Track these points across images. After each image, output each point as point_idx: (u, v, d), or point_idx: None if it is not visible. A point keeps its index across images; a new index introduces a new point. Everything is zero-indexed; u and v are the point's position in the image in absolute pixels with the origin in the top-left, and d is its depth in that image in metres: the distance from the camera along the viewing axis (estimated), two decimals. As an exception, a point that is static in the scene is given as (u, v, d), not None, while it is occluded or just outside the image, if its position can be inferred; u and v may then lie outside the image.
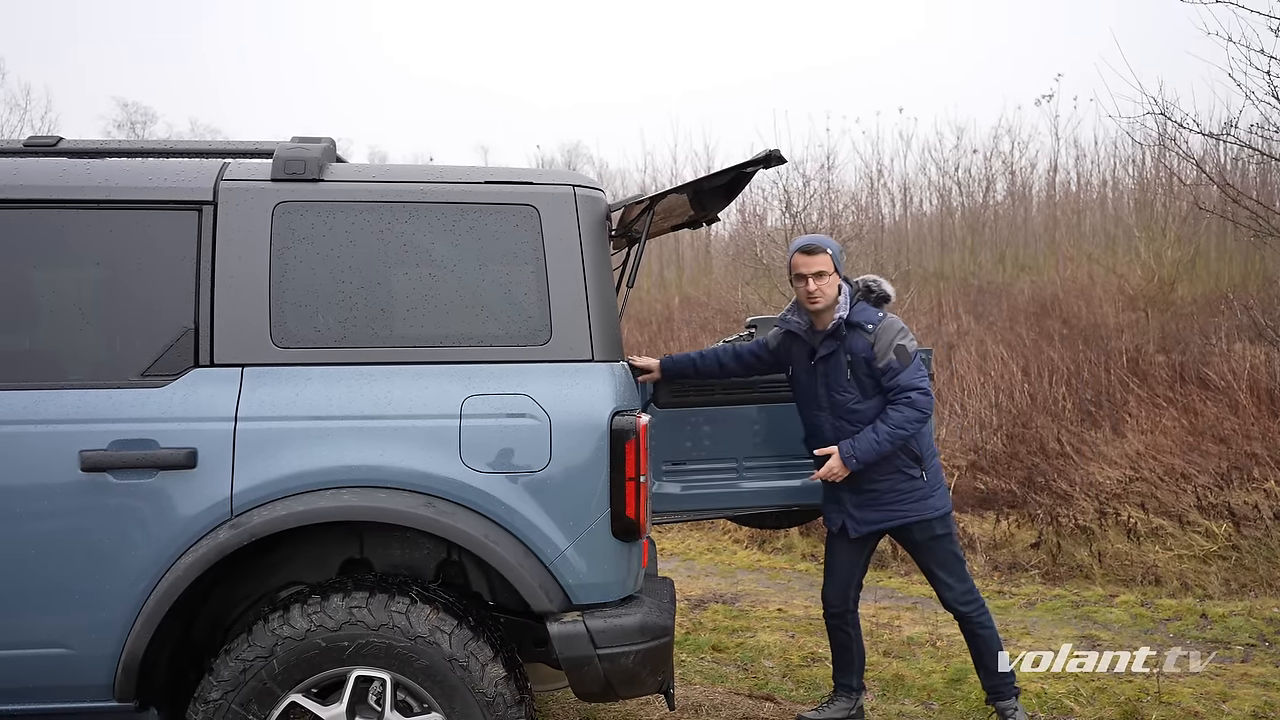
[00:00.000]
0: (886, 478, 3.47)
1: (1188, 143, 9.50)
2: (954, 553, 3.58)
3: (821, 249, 3.42)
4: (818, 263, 3.41)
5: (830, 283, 3.42)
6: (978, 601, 3.59)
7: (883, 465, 3.43)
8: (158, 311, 2.58)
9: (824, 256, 3.41)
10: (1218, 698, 3.96)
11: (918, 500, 3.48)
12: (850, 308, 3.45)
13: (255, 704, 2.45)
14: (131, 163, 2.73)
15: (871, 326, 3.41)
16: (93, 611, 2.44)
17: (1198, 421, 7.23)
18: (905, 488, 3.48)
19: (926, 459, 3.49)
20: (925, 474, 3.48)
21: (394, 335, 2.64)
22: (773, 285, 11.86)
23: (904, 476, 3.47)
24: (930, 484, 3.49)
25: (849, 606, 3.71)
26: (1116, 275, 12.48)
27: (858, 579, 3.72)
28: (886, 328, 3.41)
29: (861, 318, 3.43)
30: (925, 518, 3.49)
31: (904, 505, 3.48)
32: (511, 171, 2.79)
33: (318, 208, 2.64)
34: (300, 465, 2.48)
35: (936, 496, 3.50)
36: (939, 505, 3.50)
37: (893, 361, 3.37)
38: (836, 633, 3.76)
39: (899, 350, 3.37)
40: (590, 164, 26.55)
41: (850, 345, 3.43)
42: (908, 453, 3.45)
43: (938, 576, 3.59)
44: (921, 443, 3.48)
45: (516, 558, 2.53)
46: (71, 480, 2.43)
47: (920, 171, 19.08)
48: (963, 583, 3.58)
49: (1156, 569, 5.65)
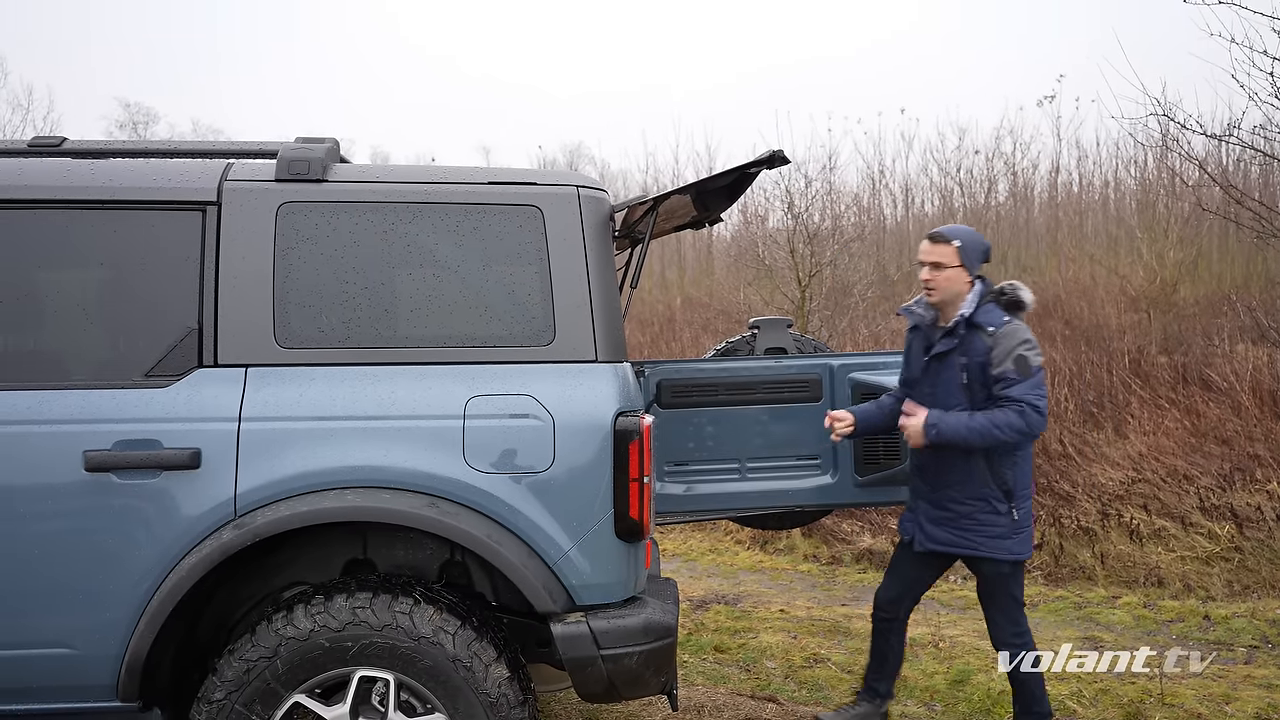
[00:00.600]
0: (970, 503, 3.21)
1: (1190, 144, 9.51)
2: (1014, 596, 3.30)
3: (946, 239, 3.22)
4: (937, 252, 3.22)
5: (949, 276, 3.21)
6: (1028, 646, 3.33)
7: (970, 488, 3.20)
8: (162, 312, 2.58)
9: (945, 247, 3.21)
10: (1220, 699, 3.96)
11: (995, 538, 3.19)
12: (976, 307, 3.20)
13: (259, 704, 2.45)
14: (135, 163, 2.73)
15: (992, 330, 3.14)
16: (97, 611, 2.44)
17: (1200, 423, 7.23)
18: (986, 520, 3.20)
19: (1019, 497, 3.19)
20: (1015, 513, 3.18)
21: (398, 336, 2.64)
22: (774, 286, 11.87)
23: (988, 508, 3.19)
24: (1015, 525, 3.19)
25: (899, 615, 3.53)
26: (1119, 276, 12.49)
27: (916, 593, 3.51)
28: (1008, 333, 3.11)
29: (984, 319, 3.17)
30: (996, 558, 3.21)
31: (979, 538, 3.21)
32: (515, 172, 2.79)
33: (321, 208, 2.64)
34: (304, 465, 2.48)
35: (1016, 541, 3.20)
36: (1017, 550, 3.20)
37: (1009, 371, 3.08)
38: (880, 636, 3.58)
39: (1019, 360, 3.08)
40: (592, 164, 26.59)
41: (968, 347, 3.19)
42: (1000, 483, 3.17)
43: (991, 615, 3.35)
44: (1018, 476, 3.19)
45: (520, 558, 2.53)
46: (76, 480, 2.43)
47: (922, 172, 19.11)
48: (1015, 625, 3.32)
49: (1159, 570, 5.65)
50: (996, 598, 3.31)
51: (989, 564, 3.25)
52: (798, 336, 4.22)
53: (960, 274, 3.22)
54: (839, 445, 3.82)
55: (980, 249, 3.25)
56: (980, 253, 3.26)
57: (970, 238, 3.25)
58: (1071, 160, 22.23)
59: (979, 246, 3.25)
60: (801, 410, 3.87)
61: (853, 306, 11.69)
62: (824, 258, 11.49)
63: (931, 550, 3.34)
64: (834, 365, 3.85)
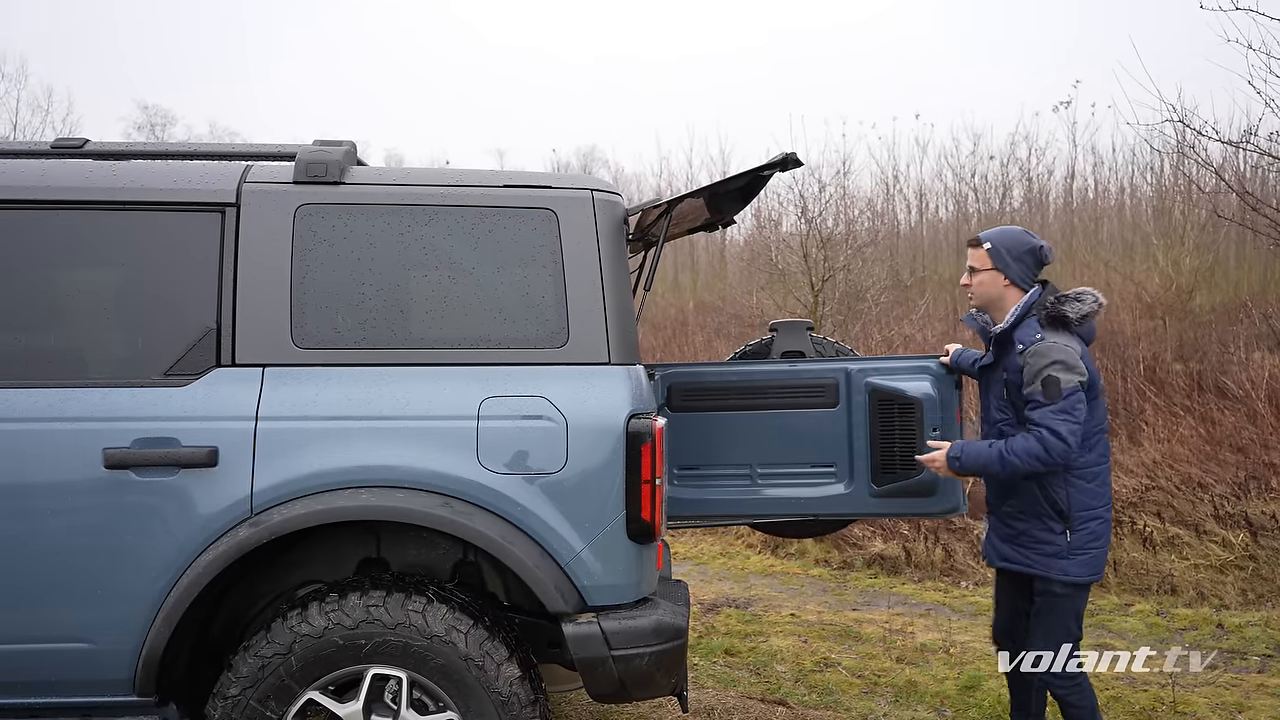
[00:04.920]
0: (1026, 520, 3.08)
1: (1207, 150, 9.44)
2: (1064, 625, 3.07)
3: (979, 242, 3.14)
4: (972, 256, 3.16)
5: (982, 280, 3.12)
6: (1071, 679, 3.07)
7: (1025, 504, 3.08)
8: (181, 311, 2.61)
9: (978, 250, 3.13)
10: (1233, 708, 3.94)
11: (1049, 556, 3.03)
12: (1016, 320, 3.05)
13: (273, 700, 2.48)
14: (156, 165, 2.77)
15: (1022, 347, 2.99)
16: (115, 607, 2.47)
17: (1215, 431, 7.19)
18: (1042, 538, 3.05)
19: (1075, 518, 3.00)
20: (1070, 533, 3.00)
21: (413, 337, 2.66)
22: (787, 290, 11.87)
23: (1042, 526, 3.04)
24: (1071, 547, 3.00)
25: (1011, 645, 3.31)
26: (1134, 283, 12.42)
27: (1026, 613, 3.22)
28: (1040, 352, 2.93)
29: (1020, 334, 3.02)
30: (1049, 576, 3.04)
31: (1033, 555, 3.07)
32: (530, 175, 2.81)
33: (339, 210, 2.67)
34: (319, 465, 2.51)
35: (1074, 562, 3.00)
36: (1073, 572, 3.00)
37: (1036, 393, 2.91)
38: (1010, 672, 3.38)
39: (1047, 382, 2.89)
40: (606, 168, 26.64)
41: (1006, 361, 3.08)
42: (1050, 503, 3.02)
43: (1035, 636, 3.13)
44: (1071, 498, 3.00)
45: (532, 559, 2.55)
46: (95, 477, 2.46)
47: (936, 177, 19.08)
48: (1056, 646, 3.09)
49: (1172, 578, 5.62)
50: (1044, 619, 3.10)
51: (1040, 581, 3.08)
52: (818, 340, 4.11)
53: (994, 277, 3.11)
54: (855, 453, 3.72)
55: (1020, 249, 3.10)
56: (1021, 254, 3.10)
57: (1005, 239, 3.12)
58: (1087, 166, 22.12)
59: (1018, 248, 3.10)
60: (817, 416, 3.79)
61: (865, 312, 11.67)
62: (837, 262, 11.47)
63: (1002, 567, 3.22)
64: (851, 370, 3.73)
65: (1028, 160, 17.28)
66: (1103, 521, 3.05)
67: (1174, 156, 13.29)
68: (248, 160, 2.81)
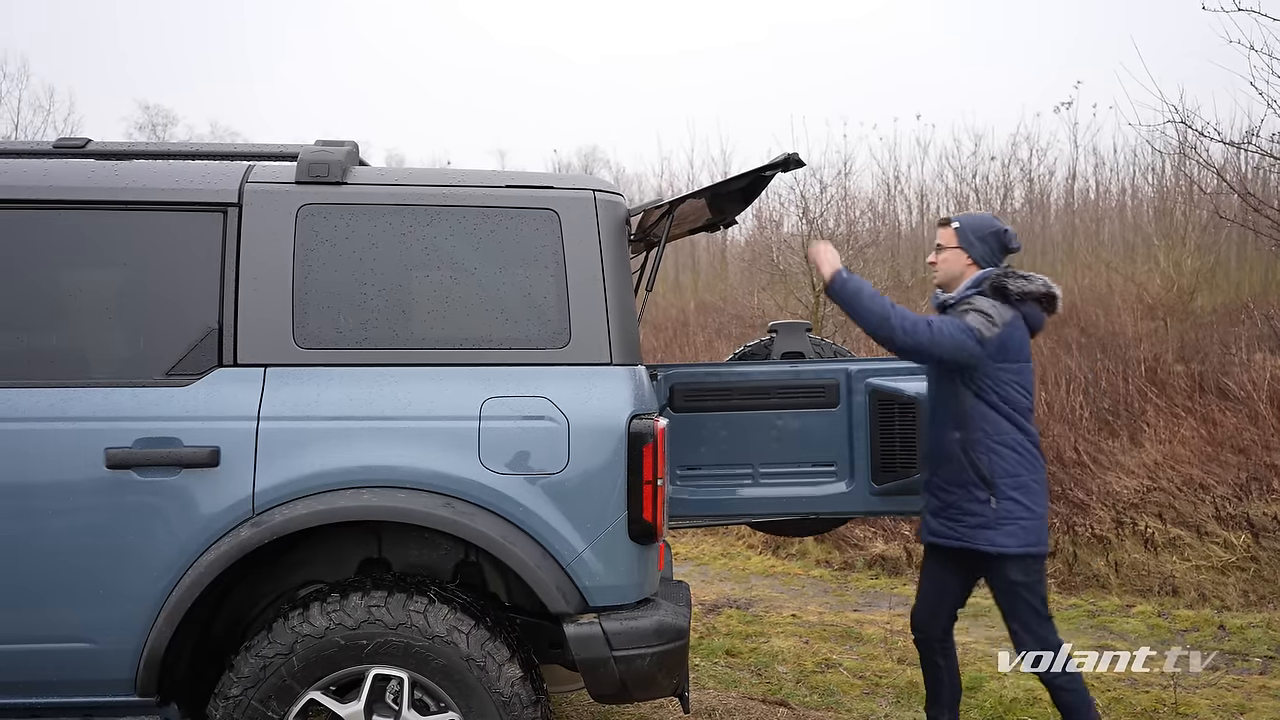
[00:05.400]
0: (954, 490, 3.12)
1: (1209, 151, 9.43)
2: (1025, 605, 3.08)
3: (949, 222, 3.24)
4: (940, 235, 3.25)
5: (946, 258, 3.21)
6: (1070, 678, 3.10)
7: (953, 474, 3.11)
8: (182, 311, 2.61)
9: (946, 230, 3.23)
10: (1235, 709, 3.94)
11: (975, 528, 3.06)
12: (962, 293, 3.16)
13: (275, 700, 2.48)
14: (158, 165, 2.77)
15: (956, 300, 3.14)
16: (116, 607, 2.47)
17: (1216, 432, 7.18)
18: (970, 509, 3.08)
19: (999, 487, 3.03)
20: (995, 501, 3.03)
21: (415, 337, 2.66)
22: (789, 291, 11.87)
23: (969, 495, 3.08)
24: (998, 516, 3.02)
25: (935, 634, 3.33)
26: (1135, 284, 12.42)
27: (949, 603, 3.31)
28: (969, 302, 3.07)
29: (959, 297, 3.16)
30: (980, 549, 3.06)
31: (964, 528, 3.09)
32: (532, 176, 2.81)
33: (341, 210, 2.67)
34: (321, 465, 2.51)
35: (1000, 532, 3.02)
36: (1000, 543, 3.02)
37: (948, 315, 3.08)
38: (924, 659, 3.41)
39: (960, 314, 3.04)
40: (607, 168, 26.64)
41: None
42: (975, 471, 3.06)
43: (1009, 625, 3.15)
44: (994, 464, 3.04)
45: (534, 559, 2.55)
46: (96, 477, 2.46)
47: (938, 178, 19.03)
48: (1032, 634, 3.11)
49: (1174, 579, 5.62)
50: (1002, 603, 3.12)
51: (972, 556, 3.11)
52: (817, 341, 4.16)
53: (958, 255, 3.19)
54: (855, 452, 3.77)
55: (985, 231, 3.18)
56: (986, 235, 3.18)
57: (973, 221, 3.21)
58: (1088, 167, 22.08)
59: (983, 229, 3.18)
60: (818, 416, 3.82)
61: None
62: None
63: (932, 543, 3.24)
64: (851, 370, 3.79)
65: (1029, 161, 17.27)
66: (1030, 492, 3.06)
67: (1176, 157, 13.29)
68: (250, 160, 2.81)
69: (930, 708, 3.46)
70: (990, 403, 3.06)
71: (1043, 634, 3.11)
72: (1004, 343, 3.02)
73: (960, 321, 2.99)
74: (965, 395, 3.07)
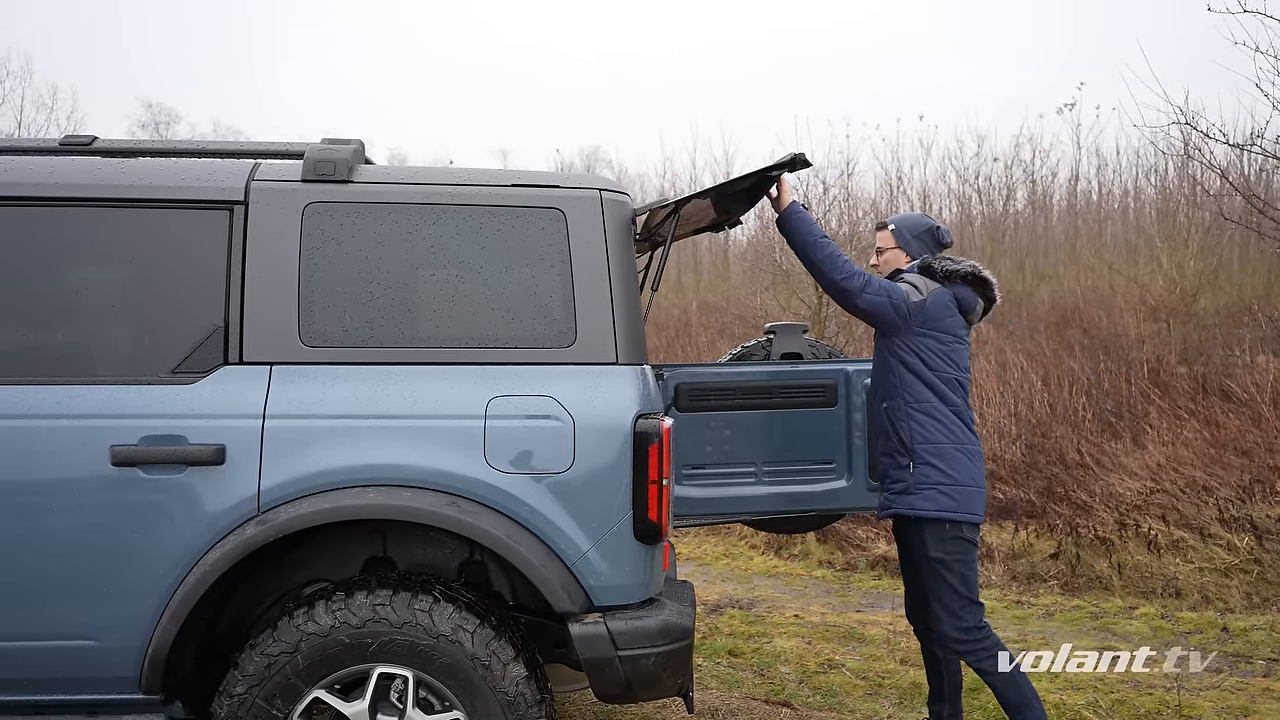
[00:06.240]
0: (884, 459, 3.27)
1: (1212, 153, 9.41)
2: (944, 578, 3.12)
3: (885, 225, 3.44)
4: (879, 238, 3.46)
5: (889, 259, 3.42)
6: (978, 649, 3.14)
7: (887, 444, 3.26)
8: (188, 309, 2.61)
9: (884, 232, 3.44)
10: (1239, 712, 3.93)
11: (898, 494, 3.19)
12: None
13: (279, 699, 2.47)
14: (164, 162, 2.77)
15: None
16: (121, 605, 2.47)
17: (1219, 434, 7.18)
18: (895, 475, 3.22)
19: (918, 452, 3.14)
20: (913, 466, 3.15)
21: (420, 336, 2.66)
22: (791, 291, 11.85)
23: (895, 463, 3.22)
24: (917, 481, 3.13)
25: (929, 624, 3.33)
26: (1138, 285, 12.41)
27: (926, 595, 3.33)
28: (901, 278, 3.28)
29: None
30: (900, 513, 3.18)
31: (890, 494, 3.24)
32: (538, 175, 2.81)
33: (347, 209, 2.67)
34: (326, 463, 2.51)
35: (919, 497, 3.12)
36: (920, 506, 3.11)
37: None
38: (924, 650, 3.49)
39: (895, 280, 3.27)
40: (609, 168, 26.65)
41: None
42: (898, 438, 3.19)
43: (928, 603, 3.21)
44: (913, 430, 3.17)
45: (539, 558, 2.55)
46: (102, 475, 2.46)
47: (940, 179, 19.02)
48: (957, 621, 3.12)
49: (1177, 581, 5.61)
50: (924, 574, 3.17)
51: (897, 523, 3.27)
52: (812, 342, 4.24)
53: (897, 254, 3.40)
54: (853, 450, 3.85)
55: (919, 229, 3.38)
56: (920, 233, 3.38)
57: (906, 221, 3.41)
58: (1091, 168, 22.12)
59: (917, 228, 3.38)
60: (817, 415, 3.88)
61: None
62: (841, 264, 11.42)
63: (882, 517, 3.35)
64: (850, 371, 3.88)
65: (1032, 162, 17.25)
66: (948, 458, 3.15)
67: (1179, 159, 13.28)
68: (256, 159, 2.81)
69: (932, 703, 3.50)
70: (914, 370, 3.19)
71: (962, 616, 3.13)
72: (927, 310, 3.19)
73: (891, 283, 3.23)
74: (895, 365, 3.23)
